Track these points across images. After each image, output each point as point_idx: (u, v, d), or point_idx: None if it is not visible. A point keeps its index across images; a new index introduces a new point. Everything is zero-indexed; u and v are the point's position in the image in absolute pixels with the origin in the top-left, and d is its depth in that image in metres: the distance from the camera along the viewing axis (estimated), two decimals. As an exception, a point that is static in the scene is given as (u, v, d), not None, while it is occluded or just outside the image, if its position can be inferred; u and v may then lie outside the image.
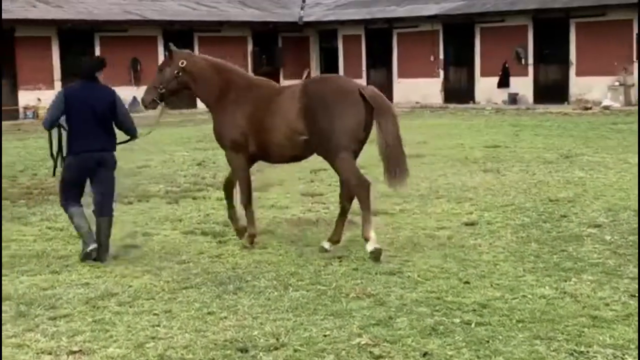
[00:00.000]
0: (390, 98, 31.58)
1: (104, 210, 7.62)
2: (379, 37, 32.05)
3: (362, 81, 32.55)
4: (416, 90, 30.69)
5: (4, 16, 25.68)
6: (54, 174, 8.00)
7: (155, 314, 5.96)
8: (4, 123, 23.82)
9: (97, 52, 28.24)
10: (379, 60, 32.35)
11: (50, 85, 27.15)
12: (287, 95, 7.61)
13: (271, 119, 7.57)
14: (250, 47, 32.42)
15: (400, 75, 31.71)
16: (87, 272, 7.16)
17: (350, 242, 8.09)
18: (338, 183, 11.67)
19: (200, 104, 25.65)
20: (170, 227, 9.04)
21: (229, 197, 8.29)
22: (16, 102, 26.59)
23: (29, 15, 26.57)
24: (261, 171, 12.73)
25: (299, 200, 10.65)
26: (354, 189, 7.52)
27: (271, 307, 6.04)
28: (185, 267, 7.30)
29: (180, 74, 7.97)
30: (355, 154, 7.51)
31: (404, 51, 31.52)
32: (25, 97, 26.74)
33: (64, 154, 7.58)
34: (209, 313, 5.96)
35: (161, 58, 29.50)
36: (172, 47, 8.11)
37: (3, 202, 10.70)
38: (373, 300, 6.15)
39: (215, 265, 7.32)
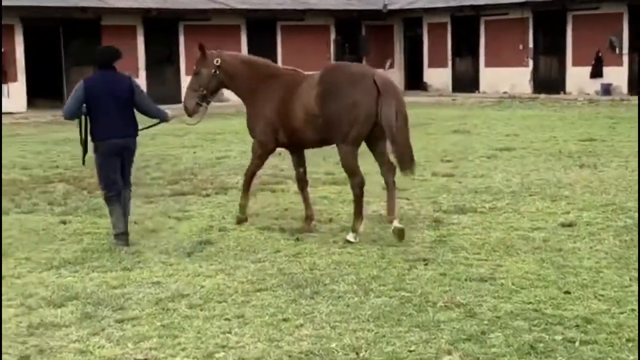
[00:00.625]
0: (477, 87, 30.81)
1: (126, 183, 7.93)
2: (465, 24, 31.14)
3: (447, 70, 31.80)
4: (504, 79, 29.70)
5: (91, 4, 25.89)
6: (83, 162, 8.09)
7: (226, 319, 5.56)
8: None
9: (181, 41, 28.26)
10: (465, 49, 31.44)
11: (135, 73, 27.23)
12: (308, 82, 7.79)
13: (293, 107, 7.79)
14: (332, 36, 31.95)
15: (488, 64, 30.75)
16: (159, 270, 6.82)
17: (436, 242, 7.54)
18: (420, 176, 11.38)
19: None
20: (247, 222, 8.64)
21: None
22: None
23: (116, 3, 26.68)
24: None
25: (380, 194, 10.08)
26: (350, 182, 7.84)
27: (351, 316, 5.56)
28: (260, 266, 6.88)
29: (217, 72, 8.17)
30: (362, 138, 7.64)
31: (491, 39, 30.53)
32: (110, 86, 26.89)
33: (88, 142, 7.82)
34: (284, 320, 5.52)
35: (244, 47, 29.40)
36: (203, 46, 8.24)
37: (81, 192, 10.54)
38: (463, 311, 5.60)
39: (292, 265, 6.88)
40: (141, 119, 7.94)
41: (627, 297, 5.81)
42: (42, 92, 25.33)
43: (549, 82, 29.01)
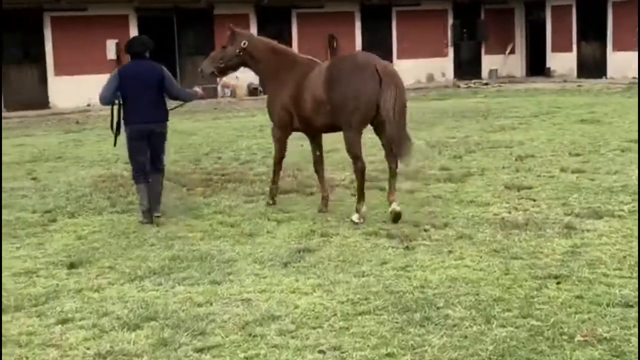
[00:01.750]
0: (603, 73, 28.83)
1: (156, 164, 8.32)
2: (592, 7, 29.18)
3: (572, 55, 29.95)
4: (633, 64, 27.64)
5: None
6: (114, 145, 8.45)
7: (320, 351, 4.71)
8: (203, 101, 23.64)
9: (294, 29, 27.62)
10: (592, 33, 29.49)
11: (247, 63, 26.79)
12: (318, 71, 8.09)
13: (304, 93, 8.09)
14: (450, 21, 30.62)
15: (615, 48, 28.74)
16: (251, 284, 6.03)
17: (569, 254, 6.46)
18: (547, 173, 10.26)
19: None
20: (352, 226, 7.77)
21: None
22: (215, 80, 26.44)
23: (228, -8, 26.30)
24: (460, 158, 11.39)
25: (502, 194, 9.03)
26: (353, 166, 8.11)
27: (469, 351, 4.61)
28: (363, 282, 5.99)
29: (241, 53, 8.61)
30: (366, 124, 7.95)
31: (620, 22, 28.49)
32: (224, 75, 26.50)
33: (120, 127, 8.27)
34: (387, 355, 4.63)
35: (358, 34, 28.52)
36: (234, 27, 8.80)
37: (182, 189, 9.95)
38: (607, 349, 4.56)
39: (400, 282, 5.95)
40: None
41: None
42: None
43: (683, 66, 26.76)
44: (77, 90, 23.56)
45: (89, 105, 23.84)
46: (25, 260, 6.86)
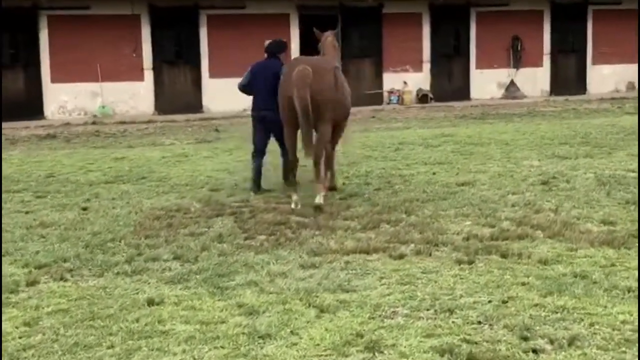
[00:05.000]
0: None
1: (282, 151, 9.56)
2: None
3: None
4: None
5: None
6: None
7: None
8: (365, 108, 21.32)
9: (472, 29, 24.48)
10: None
11: (418, 67, 24.02)
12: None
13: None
14: (658, 21, 26.16)
15: None
16: None
17: None
18: None
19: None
20: (417, 332, 4.95)
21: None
22: (380, 86, 23.88)
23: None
24: (635, 205, 8.24)
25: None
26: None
27: None
28: None
29: None
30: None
31: None
32: (391, 80, 23.89)
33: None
34: None
35: (547, 36, 24.96)
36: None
37: (239, 235, 7.53)
38: None
39: None
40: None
41: None
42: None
43: None
44: (233, 93, 21.79)
45: (245, 110, 22.07)
46: None
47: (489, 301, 5.49)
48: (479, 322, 5.11)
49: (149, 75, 21.67)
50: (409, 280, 6.00)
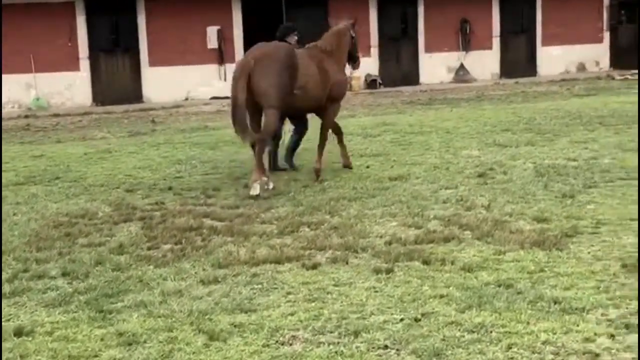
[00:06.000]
0: None
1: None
2: None
3: None
4: None
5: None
6: None
7: None
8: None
9: (421, 11, 23.94)
10: None
11: (366, 52, 23.32)
12: None
13: None
14: (606, 1, 25.84)
15: None
16: None
17: None
18: None
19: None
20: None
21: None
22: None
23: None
24: (572, 198, 7.75)
25: (618, 286, 5.38)
26: None
27: None
28: None
29: None
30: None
31: None
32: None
33: None
34: None
35: (496, 18, 24.57)
36: None
37: (141, 244, 6.90)
38: None
39: None
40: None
41: None
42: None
43: None
44: (174, 81, 21.11)
45: (187, 99, 21.41)
46: None
47: (401, 319, 4.94)
48: (386, 347, 4.55)
49: (85, 64, 20.83)
50: (317, 296, 5.42)
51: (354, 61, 10.31)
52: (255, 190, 8.51)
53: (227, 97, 21.56)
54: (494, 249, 6.32)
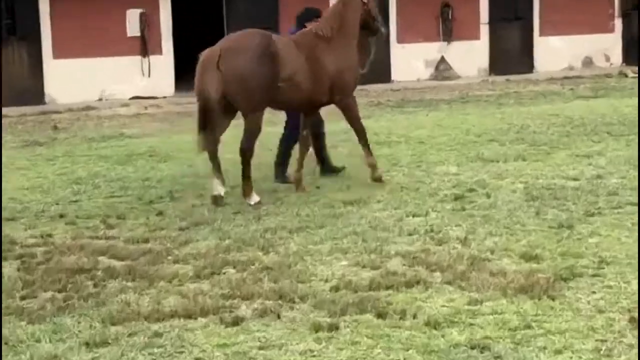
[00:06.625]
0: None
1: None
2: None
3: None
4: None
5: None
6: None
7: None
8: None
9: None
10: None
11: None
12: None
13: None
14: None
15: None
16: None
17: None
18: None
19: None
20: None
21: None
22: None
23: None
24: (570, 228, 7.59)
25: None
26: None
27: None
28: None
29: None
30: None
31: None
32: None
33: None
34: None
35: (484, 2, 24.61)
36: None
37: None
38: None
39: None
40: None
41: None
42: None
43: None
44: (85, 78, 20.69)
45: (100, 99, 20.99)
46: None
47: (343, 397, 4.62)
48: None
49: (-29, 56, 20.31)
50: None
51: (373, 32, 10.30)
52: (253, 199, 9.16)
53: (151, 97, 21.43)
54: (468, 297, 6.10)
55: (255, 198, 9.16)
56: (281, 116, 10.90)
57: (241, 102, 9.12)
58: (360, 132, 10.04)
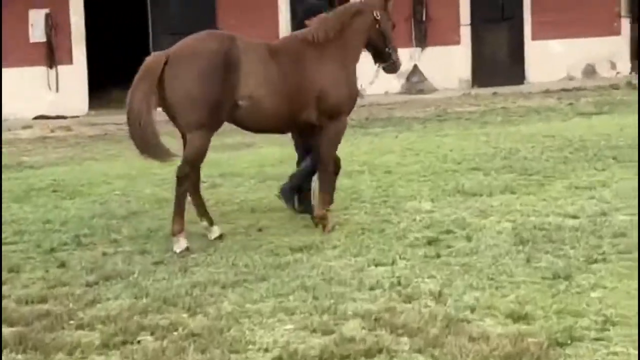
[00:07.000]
0: None
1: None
2: None
3: None
4: None
5: None
6: None
7: None
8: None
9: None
10: None
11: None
12: None
13: None
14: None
15: None
16: None
17: None
18: None
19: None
20: None
21: None
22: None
23: None
24: (568, 280, 7.66)
25: None
26: None
27: None
28: None
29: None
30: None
31: None
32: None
33: None
34: None
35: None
36: None
37: None
38: None
39: None
40: None
41: None
42: (117, 79, 22.05)
43: None
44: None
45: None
46: None
47: None
48: None
49: None
50: None
51: (383, 59, 10.30)
52: (180, 245, 9.13)
53: (59, 117, 21.38)
54: (441, 371, 6.04)
55: (182, 244, 9.14)
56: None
57: (180, 117, 9.17)
58: (323, 169, 10.05)
